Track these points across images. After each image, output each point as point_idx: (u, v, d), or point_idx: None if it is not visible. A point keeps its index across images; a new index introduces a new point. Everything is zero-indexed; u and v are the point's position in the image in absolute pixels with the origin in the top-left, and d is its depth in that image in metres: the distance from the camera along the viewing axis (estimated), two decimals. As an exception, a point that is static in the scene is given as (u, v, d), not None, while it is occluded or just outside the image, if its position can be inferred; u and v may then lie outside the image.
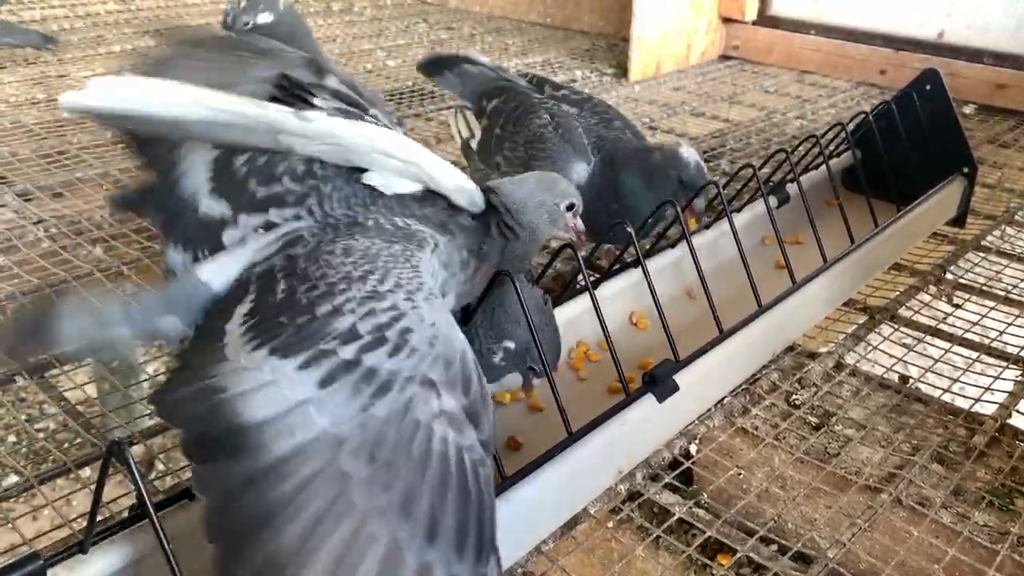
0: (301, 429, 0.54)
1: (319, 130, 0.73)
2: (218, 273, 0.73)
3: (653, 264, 1.08)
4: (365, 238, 0.70)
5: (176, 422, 0.58)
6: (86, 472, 0.92)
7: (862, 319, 1.22)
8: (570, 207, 0.86)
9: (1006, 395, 1.05)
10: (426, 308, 0.62)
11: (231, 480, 0.53)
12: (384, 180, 0.77)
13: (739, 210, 1.28)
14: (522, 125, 1.20)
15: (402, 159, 0.76)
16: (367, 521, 0.51)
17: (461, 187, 0.79)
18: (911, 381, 1.12)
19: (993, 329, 1.21)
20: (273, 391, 0.56)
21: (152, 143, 0.82)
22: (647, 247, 1.19)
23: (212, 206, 0.77)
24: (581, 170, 1.15)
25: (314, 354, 0.57)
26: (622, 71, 2.51)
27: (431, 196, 0.79)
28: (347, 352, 0.57)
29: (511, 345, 0.86)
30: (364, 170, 0.78)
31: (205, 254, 0.75)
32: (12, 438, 1.01)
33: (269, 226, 0.75)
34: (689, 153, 1.10)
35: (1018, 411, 1.03)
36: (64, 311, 0.71)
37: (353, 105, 0.82)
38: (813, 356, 1.12)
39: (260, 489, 0.52)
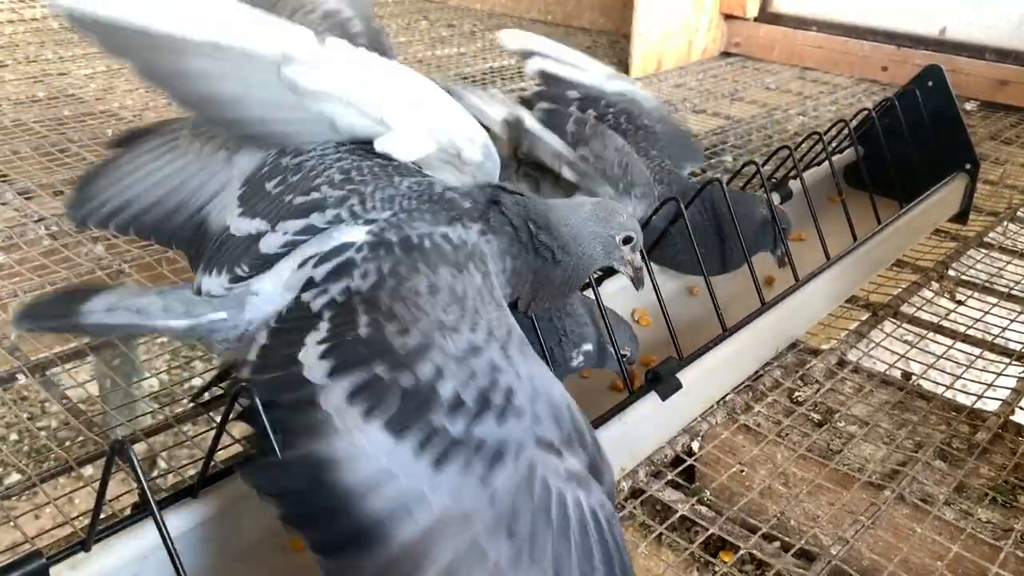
0: (422, 512, 0.53)
1: (335, 58, 0.68)
2: (268, 283, 0.71)
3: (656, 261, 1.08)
4: (442, 268, 0.67)
5: (277, 499, 0.56)
6: (88, 470, 0.92)
7: (865, 316, 1.22)
8: (627, 240, 0.81)
9: (1009, 392, 1.05)
10: (521, 361, 0.60)
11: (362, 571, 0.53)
12: (397, 144, 0.73)
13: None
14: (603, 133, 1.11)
15: (421, 102, 0.72)
16: None
17: (473, 139, 0.75)
18: (914, 378, 1.12)
19: (996, 326, 1.21)
20: (391, 479, 0.54)
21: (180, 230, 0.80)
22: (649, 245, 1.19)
23: (244, 224, 0.74)
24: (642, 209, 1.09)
25: (427, 434, 0.55)
26: (623, 68, 2.51)
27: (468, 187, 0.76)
28: (457, 426, 0.56)
29: (589, 347, 0.89)
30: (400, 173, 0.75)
31: (244, 269, 0.72)
32: (14, 436, 1.01)
33: (311, 230, 0.72)
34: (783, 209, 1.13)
35: (1021, 408, 1.03)
36: (102, 292, 0.72)
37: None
38: (816, 353, 1.12)
39: None
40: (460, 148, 0.75)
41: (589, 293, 0.93)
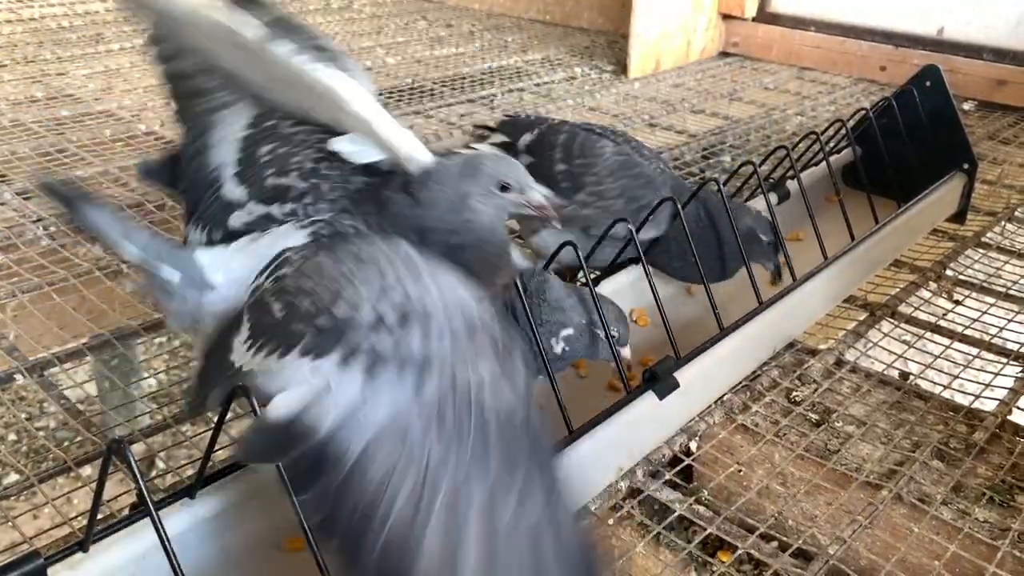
0: (368, 428, 0.55)
1: (276, 53, 0.70)
2: (213, 264, 0.73)
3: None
4: (351, 244, 0.68)
5: (255, 458, 0.60)
6: (86, 470, 0.92)
7: (862, 316, 1.22)
8: (503, 187, 0.75)
9: (1006, 391, 1.05)
10: (429, 279, 0.61)
11: (326, 495, 0.54)
12: (353, 147, 0.76)
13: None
14: (592, 155, 1.09)
15: (356, 112, 0.74)
16: (458, 490, 0.54)
17: (413, 156, 0.76)
18: (911, 378, 1.12)
19: (993, 325, 1.21)
20: (326, 395, 0.56)
21: (194, 102, 0.83)
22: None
23: (232, 190, 0.78)
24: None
25: (351, 350, 0.57)
26: (621, 68, 2.51)
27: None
28: (382, 341, 0.57)
29: (570, 331, 0.85)
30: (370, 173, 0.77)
31: (216, 236, 0.76)
32: (12, 436, 1.02)
33: (269, 219, 0.75)
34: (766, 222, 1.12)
35: (1018, 407, 1.03)
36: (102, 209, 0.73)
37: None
38: (813, 353, 1.12)
39: (352, 495, 0.54)
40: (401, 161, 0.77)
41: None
